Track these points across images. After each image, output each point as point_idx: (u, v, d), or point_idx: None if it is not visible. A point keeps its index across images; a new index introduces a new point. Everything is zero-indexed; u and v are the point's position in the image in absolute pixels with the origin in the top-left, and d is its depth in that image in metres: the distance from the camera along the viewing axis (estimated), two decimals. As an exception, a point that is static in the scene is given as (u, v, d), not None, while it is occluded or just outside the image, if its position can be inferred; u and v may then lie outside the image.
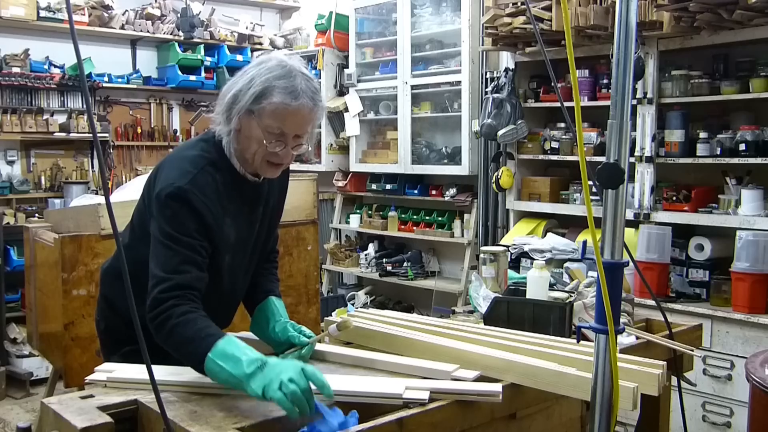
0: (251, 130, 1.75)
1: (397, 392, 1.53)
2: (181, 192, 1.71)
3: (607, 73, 4.09)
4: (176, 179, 1.73)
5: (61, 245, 3.16)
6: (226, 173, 1.82)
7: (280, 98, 1.71)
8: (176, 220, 1.71)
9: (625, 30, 1.33)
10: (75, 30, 1.22)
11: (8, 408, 4.60)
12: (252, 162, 1.80)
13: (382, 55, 5.62)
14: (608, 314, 1.33)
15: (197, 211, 1.72)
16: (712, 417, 3.47)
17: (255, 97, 1.72)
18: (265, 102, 1.71)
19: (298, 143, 1.79)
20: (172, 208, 1.71)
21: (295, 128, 1.76)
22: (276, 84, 1.71)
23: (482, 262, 2.53)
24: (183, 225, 1.71)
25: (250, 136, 1.76)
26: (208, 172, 1.78)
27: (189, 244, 1.71)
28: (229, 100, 1.76)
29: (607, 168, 1.33)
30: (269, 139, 1.74)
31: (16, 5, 5.23)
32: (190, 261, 1.70)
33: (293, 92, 1.71)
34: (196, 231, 1.73)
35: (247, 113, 1.74)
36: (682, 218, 3.72)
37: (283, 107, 1.71)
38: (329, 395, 1.49)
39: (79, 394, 1.57)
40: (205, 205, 1.74)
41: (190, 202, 1.72)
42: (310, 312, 3.83)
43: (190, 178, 1.73)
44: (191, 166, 1.77)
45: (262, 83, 1.72)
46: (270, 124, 1.73)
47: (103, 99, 6.02)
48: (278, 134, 1.75)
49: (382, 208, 5.80)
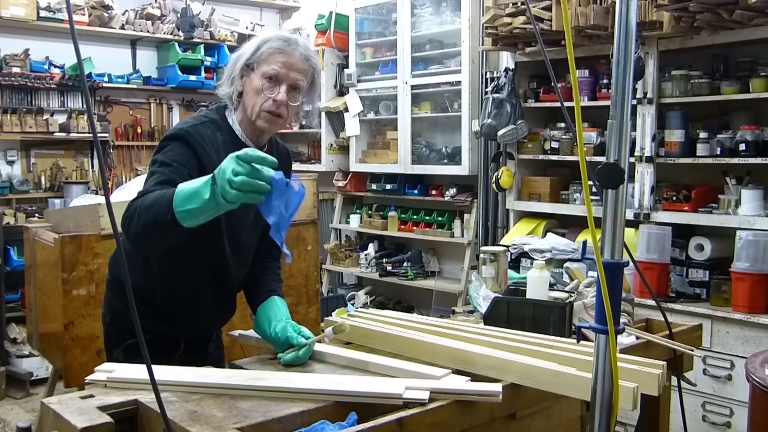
0: (251, 83, 1.88)
1: (397, 392, 1.52)
2: (180, 132, 1.83)
3: (607, 73, 4.09)
4: (177, 127, 1.87)
5: (61, 245, 3.16)
6: (227, 134, 1.92)
7: (276, 44, 1.86)
8: (170, 151, 1.80)
9: (625, 30, 1.32)
10: (75, 30, 1.22)
11: (8, 408, 4.60)
12: (251, 116, 1.89)
13: (382, 55, 5.62)
14: (608, 314, 1.33)
15: (193, 149, 1.82)
16: (712, 417, 3.47)
17: (254, 50, 1.87)
18: (262, 49, 1.86)
19: (294, 95, 1.89)
20: (170, 145, 1.82)
21: (288, 72, 1.86)
22: (272, 37, 1.88)
23: (482, 262, 2.53)
24: (175, 153, 1.79)
25: (249, 91, 1.88)
26: (208, 127, 1.89)
27: (176, 169, 1.76)
28: (232, 61, 1.91)
29: (607, 168, 1.33)
30: (265, 84, 1.86)
31: (16, 5, 5.23)
32: (168, 182, 1.72)
33: (288, 41, 1.87)
34: (188, 162, 1.79)
35: (247, 69, 1.88)
36: (682, 218, 3.72)
37: (277, 50, 1.86)
38: (273, 162, 1.48)
39: (79, 394, 1.57)
40: (202, 147, 1.83)
41: (188, 141, 1.82)
42: (310, 312, 3.83)
43: (190, 125, 1.86)
44: (193, 119, 1.91)
45: (262, 40, 1.88)
46: (265, 70, 1.86)
47: (103, 99, 6.02)
48: (273, 78, 1.86)
49: (382, 208, 5.80)
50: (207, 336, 2.13)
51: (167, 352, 1.95)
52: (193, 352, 2.04)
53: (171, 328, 2.00)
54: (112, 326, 2.06)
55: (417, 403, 1.51)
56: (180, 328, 2.01)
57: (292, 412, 1.50)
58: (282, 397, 1.57)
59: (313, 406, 1.53)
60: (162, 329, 1.96)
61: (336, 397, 1.54)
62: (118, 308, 2.03)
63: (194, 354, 2.03)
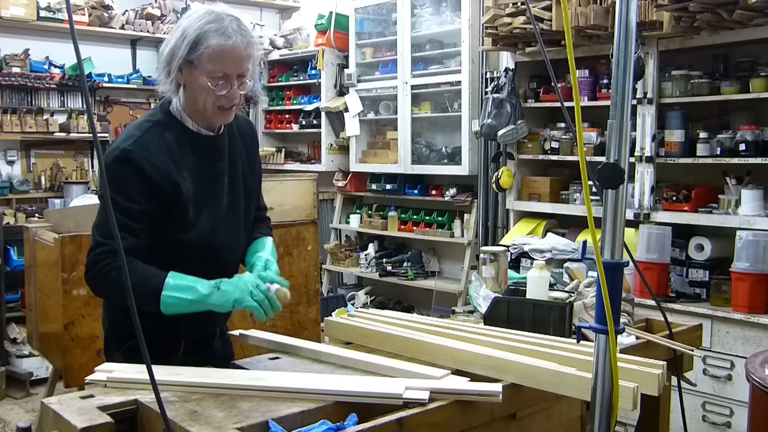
0: (196, 80, 1.81)
1: (398, 392, 1.52)
2: (123, 153, 1.78)
3: (607, 73, 4.09)
4: (120, 143, 1.81)
5: (61, 245, 3.16)
6: (176, 130, 1.88)
7: (215, 41, 1.77)
8: (118, 183, 1.76)
9: (625, 30, 1.33)
10: (75, 30, 1.22)
11: (8, 408, 4.60)
12: (204, 112, 1.86)
13: (382, 55, 5.62)
14: (608, 314, 1.33)
15: (141, 171, 1.78)
16: (712, 417, 3.47)
17: (191, 46, 1.77)
18: (201, 48, 1.77)
19: (242, 82, 1.85)
20: (115, 170, 1.78)
21: (235, 68, 1.81)
22: (207, 28, 1.77)
23: (482, 262, 2.53)
24: (125, 188, 1.77)
25: (196, 87, 1.82)
26: (153, 132, 1.84)
27: (127, 209, 1.76)
28: (167, 57, 1.82)
29: (607, 168, 1.33)
30: (214, 83, 1.80)
31: (16, 5, 5.23)
32: (125, 228, 1.73)
33: (225, 33, 1.77)
34: (139, 193, 1.78)
35: (187, 65, 1.80)
36: (682, 218, 3.72)
37: (219, 49, 1.77)
38: (286, 284, 1.80)
39: (79, 394, 1.57)
40: (150, 162, 1.79)
41: (133, 162, 1.77)
42: (310, 312, 3.83)
43: (133, 140, 1.80)
44: (136, 129, 1.85)
45: (195, 31, 1.77)
46: (211, 68, 1.79)
47: (103, 99, 6.02)
48: (221, 77, 1.80)
49: (382, 208, 5.80)
50: (210, 334, 2.10)
51: (168, 352, 1.92)
52: (196, 351, 2.01)
53: (170, 329, 1.93)
54: (110, 330, 2.04)
55: (417, 403, 1.51)
56: (180, 327, 1.95)
57: (292, 412, 1.50)
58: (282, 397, 1.57)
59: (313, 406, 1.53)
60: (161, 330, 1.89)
61: (336, 397, 1.54)
62: (116, 311, 2.00)
63: (197, 353, 2.00)
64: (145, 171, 1.78)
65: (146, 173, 1.78)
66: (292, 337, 2.06)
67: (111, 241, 1.71)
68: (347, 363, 1.84)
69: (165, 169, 1.81)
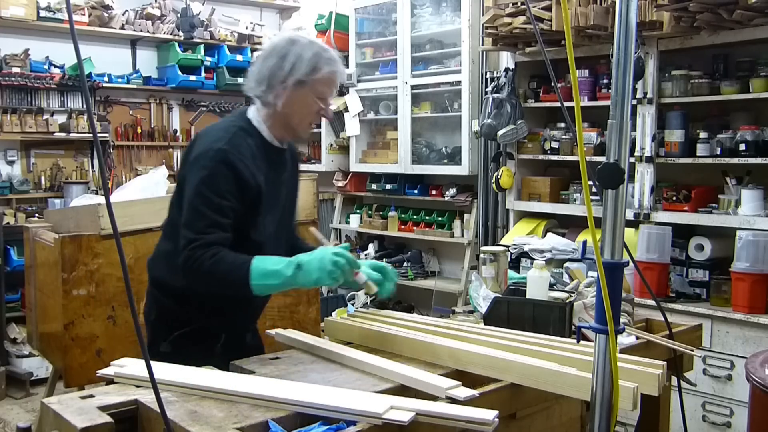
0: (302, 99, 2.01)
1: (377, 411, 1.44)
2: (220, 153, 1.92)
3: (607, 73, 4.09)
4: (213, 143, 1.95)
5: (61, 245, 3.16)
6: (256, 138, 2.05)
7: (330, 67, 2.02)
8: (212, 180, 1.90)
9: (625, 30, 1.33)
10: (75, 30, 1.22)
11: (8, 408, 4.60)
12: (296, 126, 2.07)
13: (382, 55, 5.62)
14: (608, 314, 1.33)
15: (234, 169, 1.92)
16: (712, 417, 3.47)
17: (309, 70, 1.99)
18: (318, 74, 2.00)
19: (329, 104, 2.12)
20: (210, 169, 1.91)
21: (333, 92, 2.10)
22: (322, 56, 2.01)
23: (482, 262, 2.53)
24: (218, 185, 1.90)
25: (298, 104, 2.02)
26: (240, 136, 2.00)
27: (219, 206, 1.90)
28: (270, 76, 2.00)
29: (607, 168, 1.34)
30: (324, 103, 2.05)
31: (16, 5, 5.23)
32: (216, 224, 1.89)
33: (336, 62, 2.05)
34: (229, 191, 1.92)
35: (298, 84, 1.99)
36: (682, 218, 3.72)
37: (332, 74, 2.04)
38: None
39: (79, 394, 1.57)
40: (242, 162, 1.94)
41: (228, 161, 1.92)
42: (310, 312, 3.83)
43: (226, 141, 1.95)
44: (224, 132, 2.00)
45: (313, 57, 2.00)
46: (321, 91, 2.03)
47: (103, 99, 6.02)
48: (326, 98, 2.06)
49: (382, 208, 5.80)
50: (247, 328, 2.25)
51: (209, 343, 2.09)
52: (233, 343, 2.13)
53: (214, 322, 2.11)
54: (157, 321, 2.15)
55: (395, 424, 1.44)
56: (222, 321, 2.12)
57: (291, 412, 1.50)
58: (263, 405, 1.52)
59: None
60: (205, 322, 2.09)
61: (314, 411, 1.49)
62: (164, 304, 2.13)
63: (234, 345, 2.12)
64: (238, 170, 1.93)
65: (239, 172, 1.93)
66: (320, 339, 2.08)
67: (203, 236, 1.87)
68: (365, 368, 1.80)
69: (253, 171, 1.98)
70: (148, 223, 3.32)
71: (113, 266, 3.24)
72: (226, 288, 1.90)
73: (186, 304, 2.08)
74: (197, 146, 1.99)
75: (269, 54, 2.02)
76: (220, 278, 1.86)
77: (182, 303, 2.07)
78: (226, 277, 1.86)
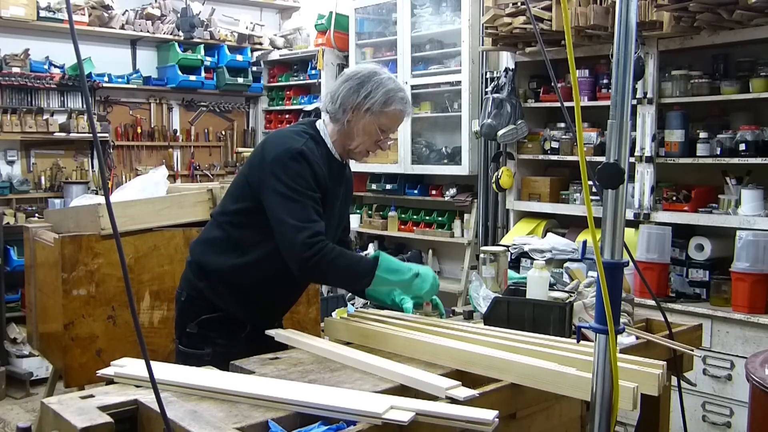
0: (367, 125, 2.19)
1: (377, 412, 1.44)
2: (298, 152, 2.08)
3: (607, 73, 4.09)
4: (290, 145, 2.10)
5: (61, 245, 3.16)
6: (322, 147, 2.22)
7: (400, 106, 2.20)
8: (299, 176, 2.06)
9: (625, 30, 1.33)
10: (75, 30, 1.22)
11: (8, 408, 4.60)
12: (353, 149, 2.24)
13: (382, 55, 5.62)
14: (608, 314, 1.33)
15: (313, 167, 2.10)
16: (712, 417, 3.47)
17: (383, 103, 2.16)
18: (389, 108, 2.17)
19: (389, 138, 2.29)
20: (293, 167, 2.07)
21: (396, 128, 2.27)
22: (396, 94, 2.18)
23: (482, 262, 2.53)
24: (305, 180, 2.07)
25: (362, 129, 2.19)
26: (312, 141, 2.18)
27: (312, 197, 2.08)
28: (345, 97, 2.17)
29: (607, 168, 1.34)
30: (384, 135, 2.23)
31: (16, 5, 5.23)
32: (316, 211, 2.07)
33: (407, 103, 2.23)
34: (313, 187, 2.09)
35: (368, 112, 2.16)
36: (682, 218, 3.72)
37: (400, 113, 2.21)
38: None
39: (79, 394, 1.57)
40: (316, 163, 2.12)
41: (308, 159, 2.09)
42: (310, 312, 3.83)
43: (302, 142, 2.12)
44: (299, 136, 2.16)
45: (389, 92, 2.16)
46: (387, 123, 2.20)
47: (103, 99, 6.02)
48: (387, 132, 2.23)
49: (382, 208, 5.80)
50: (273, 321, 2.33)
51: (234, 331, 2.22)
52: (257, 334, 2.20)
53: (243, 312, 2.24)
54: (187, 302, 2.28)
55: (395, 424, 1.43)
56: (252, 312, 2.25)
57: (291, 412, 1.50)
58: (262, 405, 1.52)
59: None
60: (234, 311, 2.23)
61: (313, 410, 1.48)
62: (197, 286, 2.25)
63: (258, 336, 2.19)
64: (315, 168, 2.11)
65: (315, 170, 2.11)
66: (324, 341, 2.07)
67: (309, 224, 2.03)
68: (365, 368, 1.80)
69: (325, 172, 2.16)
70: (148, 223, 3.32)
71: (113, 266, 3.24)
72: (348, 276, 2.14)
73: (219, 291, 2.21)
74: (271, 148, 2.12)
75: (350, 77, 2.19)
76: (345, 267, 2.08)
77: (216, 289, 2.21)
78: (352, 266, 2.10)
